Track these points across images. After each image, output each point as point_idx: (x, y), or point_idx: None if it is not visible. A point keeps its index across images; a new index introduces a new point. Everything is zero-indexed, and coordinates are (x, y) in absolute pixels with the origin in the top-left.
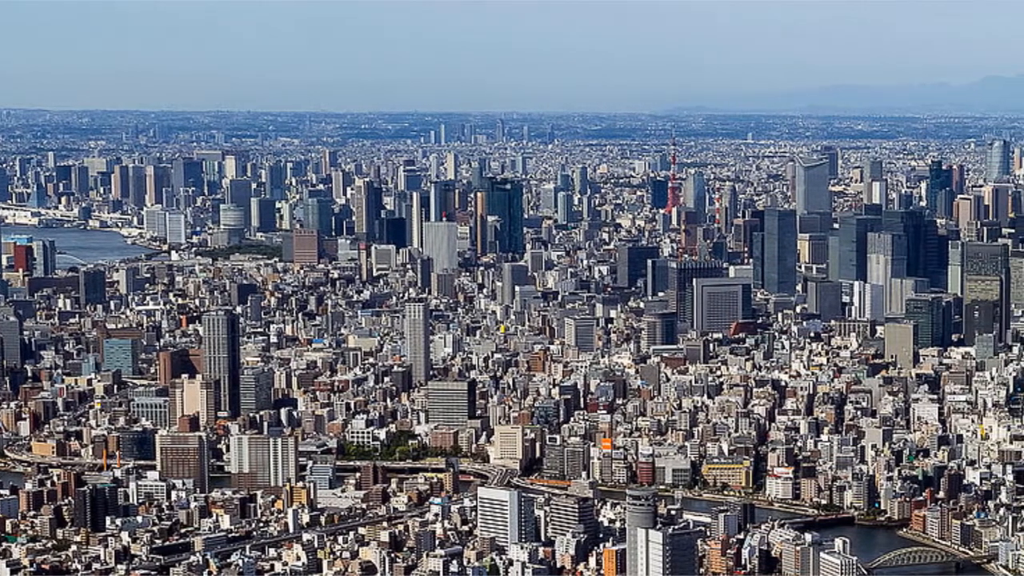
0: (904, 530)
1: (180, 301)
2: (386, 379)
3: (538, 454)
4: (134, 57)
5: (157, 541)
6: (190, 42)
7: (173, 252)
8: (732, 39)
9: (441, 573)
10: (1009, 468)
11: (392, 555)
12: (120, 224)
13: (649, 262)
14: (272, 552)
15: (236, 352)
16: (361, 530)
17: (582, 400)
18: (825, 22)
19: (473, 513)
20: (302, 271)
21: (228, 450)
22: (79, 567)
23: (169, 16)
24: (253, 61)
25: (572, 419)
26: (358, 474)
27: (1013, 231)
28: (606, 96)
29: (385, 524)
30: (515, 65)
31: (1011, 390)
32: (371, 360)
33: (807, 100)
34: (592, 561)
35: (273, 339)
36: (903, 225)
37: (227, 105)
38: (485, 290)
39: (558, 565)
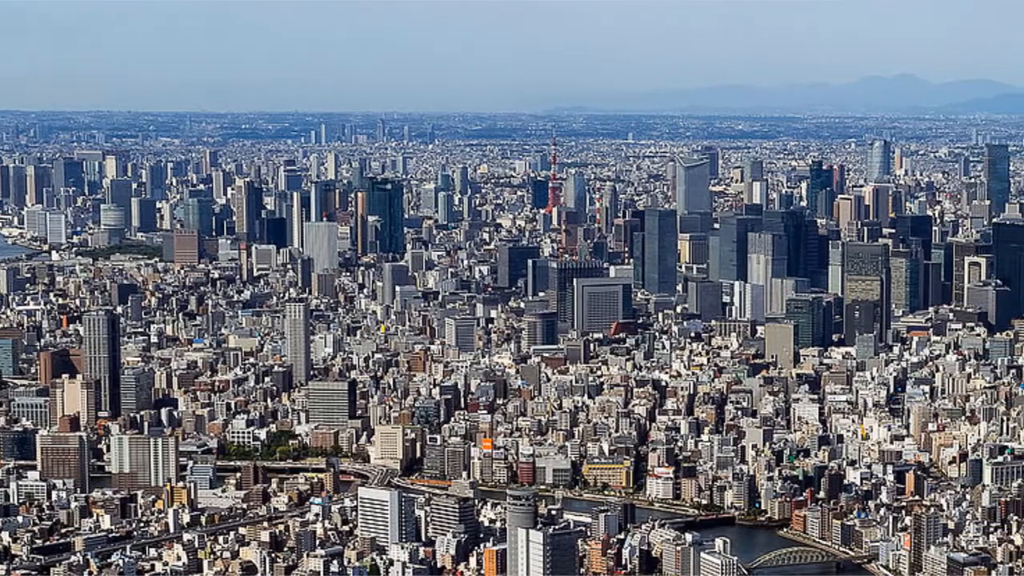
0: (785, 530)
1: (60, 301)
2: (267, 379)
3: (419, 454)
4: (14, 58)
5: (37, 541)
6: (70, 42)
7: (54, 252)
8: (613, 39)
9: (321, 573)
10: (889, 468)
11: (272, 555)
12: (0, 224)
13: (530, 262)
14: (152, 552)
15: (117, 352)
16: (242, 530)
17: (462, 400)
18: (706, 22)
19: (354, 513)
20: (183, 271)
21: (109, 450)
22: None
23: (48, 17)
24: (133, 61)
25: (453, 419)
26: (238, 474)
27: (893, 231)
28: (487, 96)
29: (265, 524)
30: (396, 65)
31: (891, 390)
32: (252, 360)
33: (688, 100)
34: (472, 561)
35: (154, 339)
36: (784, 225)
37: (107, 105)
38: (366, 290)
39: (438, 565)
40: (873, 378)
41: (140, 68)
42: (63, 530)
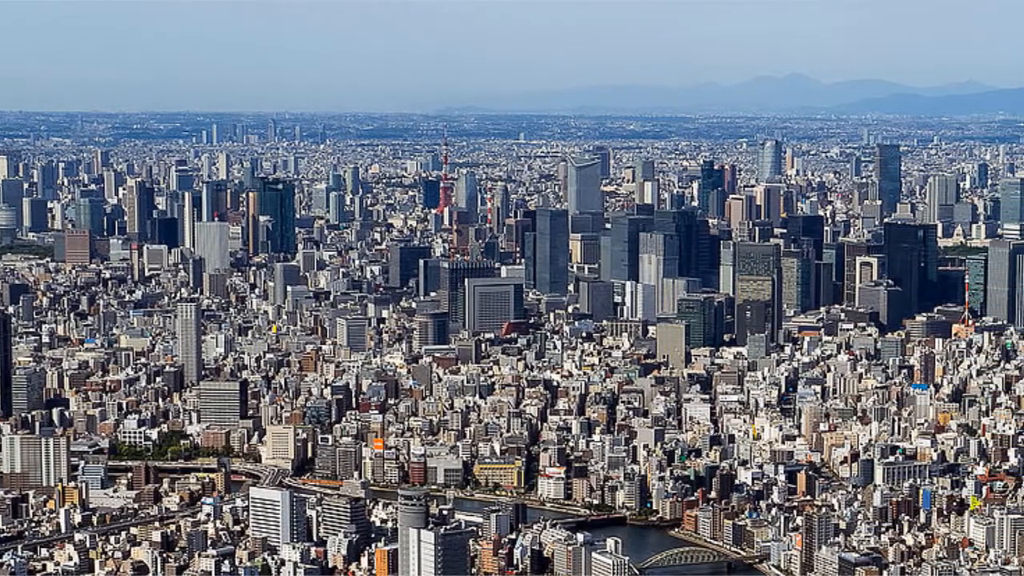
0: (676, 530)
1: None
2: (158, 379)
3: (310, 454)
4: None
5: None
6: None
7: None
8: (504, 39)
9: (213, 573)
10: (781, 468)
11: (164, 555)
12: None
13: (421, 262)
14: (44, 552)
15: (8, 352)
16: (133, 530)
17: (354, 400)
18: (597, 22)
19: (245, 513)
20: (74, 271)
21: (0, 450)
22: None
23: None
24: (24, 61)
25: (344, 419)
26: (130, 474)
27: (785, 231)
28: (378, 96)
29: (157, 524)
30: (286, 65)
31: (783, 390)
32: (143, 360)
33: (579, 100)
34: (364, 561)
35: (45, 339)
36: (675, 225)
37: None
38: (257, 290)
39: (330, 565)
40: (764, 378)
41: (31, 68)
42: None
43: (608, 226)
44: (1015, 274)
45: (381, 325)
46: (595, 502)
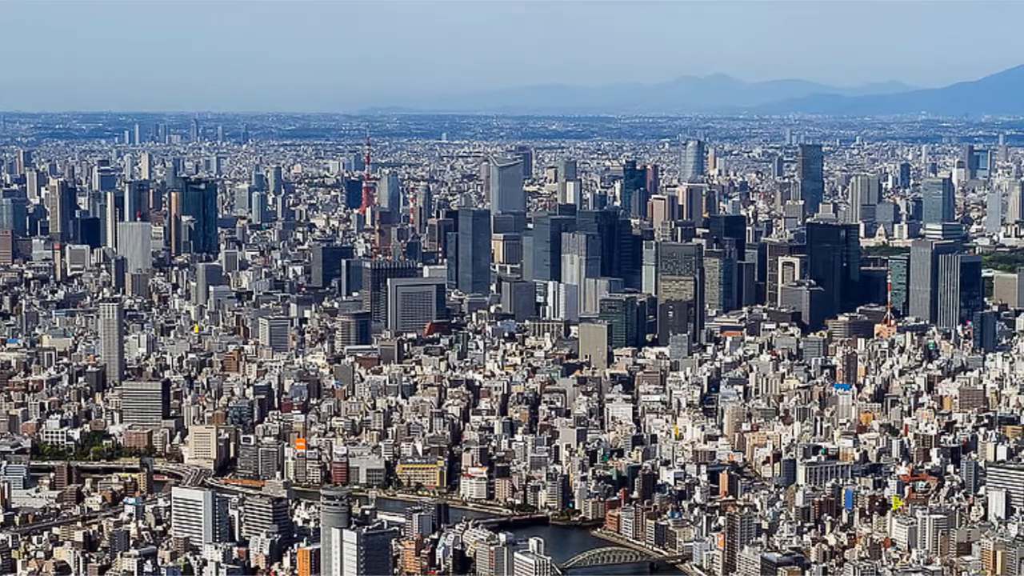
0: (598, 530)
1: None
2: (80, 379)
3: (232, 454)
4: None
5: None
6: None
7: None
8: (426, 39)
9: (135, 573)
10: (703, 468)
11: (86, 555)
12: None
13: (343, 262)
14: None
15: None
16: (55, 530)
17: (276, 400)
18: (519, 22)
19: (167, 513)
20: None
21: None
22: None
23: None
24: None
25: (266, 419)
26: (52, 474)
27: (707, 231)
28: (300, 96)
29: (79, 524)
30: (208, 65)
31: (705, 390)
32: (65, 360)
33: (501, 100)
34: (286, 561)
35: None
36: (597, 225)
37: None
38: (179, 290)
39: (252, 565)
40: (687, 378)
41: None
42: None
43: (530, 226)
44: (937, 274)
45: (303, 325)
46: (517, 502)
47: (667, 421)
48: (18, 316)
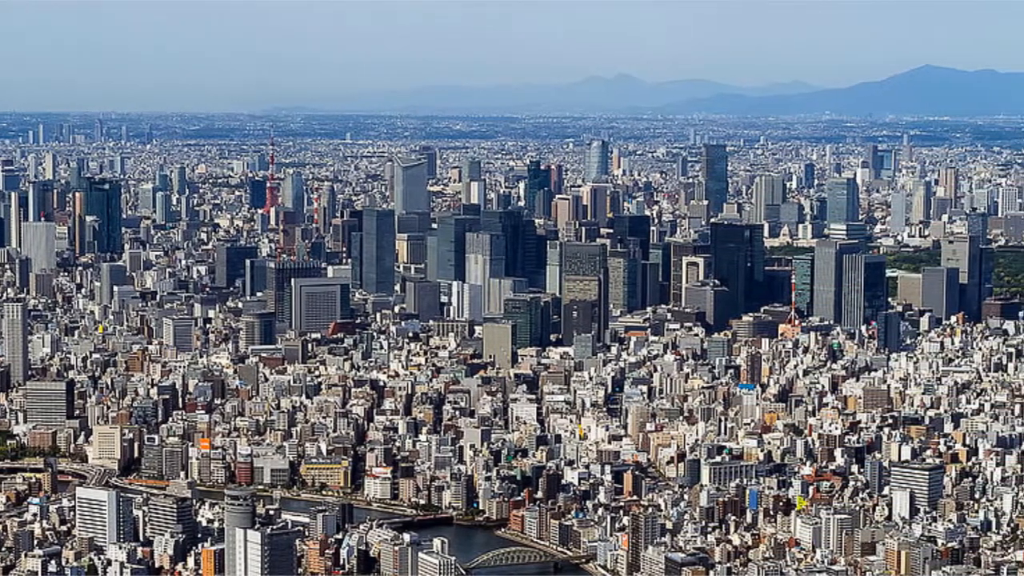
0: (503, 530)
1: None
2: None
3: (136, 454)
4: None
5: None
6: None
7: None
8: (331, 39)
9: (40, 573)
10: (607, 468)
11: None
12: None
13: (247, 262)
14: None
15: None
16: None
17: (180, 400)
18: (423, 22)
19: (72, 513)
20: None
21: None
22: None
23: None
24: None
25: (170, 419)
26: None
27: (611, 231)
28: (205, 96)
29: None
30: (112, 65)
31: (609, 390)
32: None
33: (405, 100)
34: (191, 561)
35: None
36: (501, 225)
37: None
38: (83, 290)
39: (157, 565)
40: (591, 378)
41: None
42: None
43: (435, 226)
44: (841, 274)
45: (207, 325)
46: (421, 502)
47: (571, 421)
48: None
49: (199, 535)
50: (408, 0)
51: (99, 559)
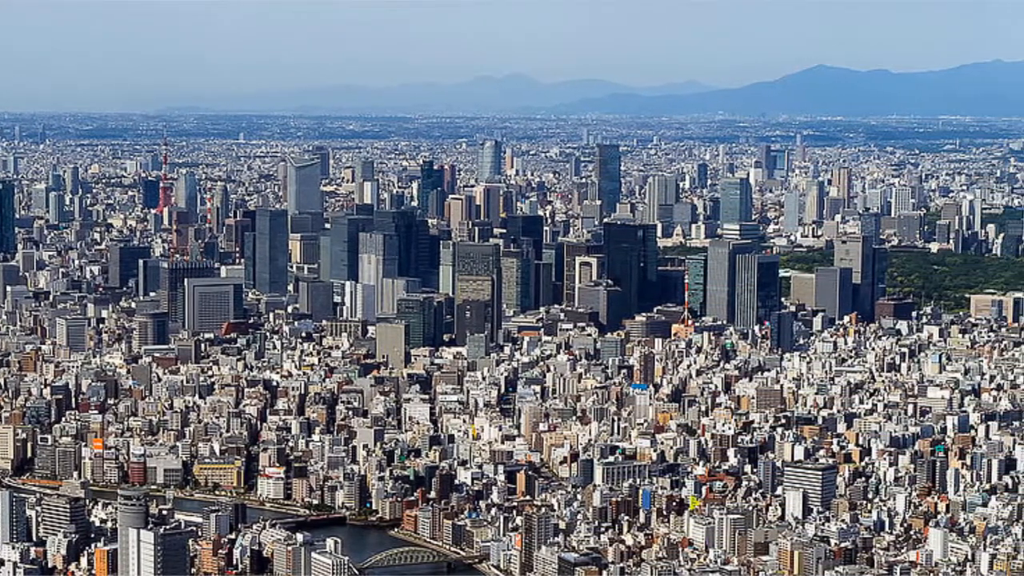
0: (396, 530)
1: None
2: None
3: (30, 454)
4: None
5: None
6: None
7: None
8: (224, 39)
9: None
10: (500, 468)
11: None
12: None
13: (141, 262)
14: None
15: None
16: None
17: (74, 400)
18: (317, 23)
19: None
20: None
21: None
22: None
23: None
24: None
25: (64, 419)
26: None
27: (504, 231)
28: (98, 96)
29: None
30: (4, 65)
31: (502, 390)
32: None
33: (299, 100)
34: (84, 561)
35: None
36: (395, 225)
37: None
38: None
39: (50, 565)
40: (484, 378)
41: None
42: None
43: (328, 226)
44: (734, 274)
45: (101, 325)
46: (315, 502)
47: (464, 421)
48: None
49: (92, 535)
50: (300, 1)
51: None
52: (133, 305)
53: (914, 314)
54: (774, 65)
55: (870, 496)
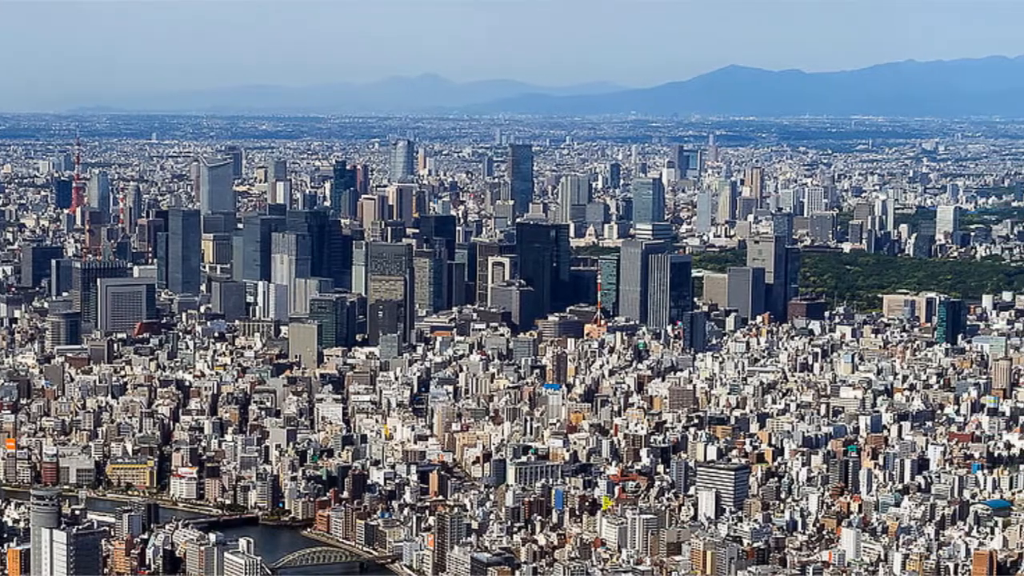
0: (309, 530)
1: None
2: None
3: None
4: None
5: None
6: None
7: None
8: (136, 39)
9: None
10: (413, 468)
11: None
12: None
13: (53, 262)
14: None
15: None
16: None
17: None
18: (228, 22)
19: None
20: None
21: None
22: None
23: None
24: None
25: None
26: None
27: (417, 231)
28: (8, 96)
29: None
30: None
31: (415, 390)
32: None
33: (212, 100)
34: None
35: None
36: (307, 225)
37: None
38: None
39: None
40: (397, 378)
41: None
42: None
43: (240, 226)
44: (647, 274)
45: (13, 325)
46: (227, 502)
47: (377, 421)
48: None
49: (5, 535)
50: (212, 1)
51: None
52: (46, 305)
53: (827, 314)
54: (686, 65)
55: (783, 496)
